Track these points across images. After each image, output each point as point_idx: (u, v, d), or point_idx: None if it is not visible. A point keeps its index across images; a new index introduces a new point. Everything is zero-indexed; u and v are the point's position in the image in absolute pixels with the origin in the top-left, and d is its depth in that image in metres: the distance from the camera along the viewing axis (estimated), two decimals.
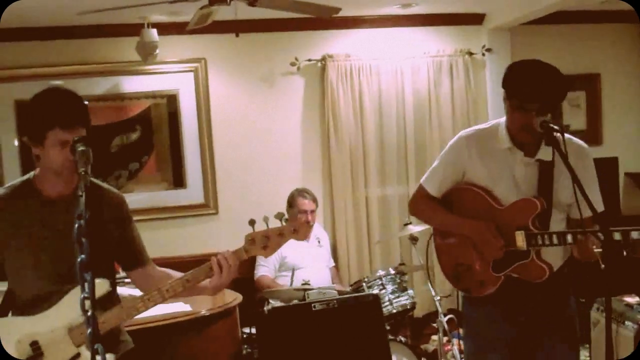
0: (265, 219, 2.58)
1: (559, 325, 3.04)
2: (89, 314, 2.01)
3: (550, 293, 3.01)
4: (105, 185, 2.79)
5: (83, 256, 2.03)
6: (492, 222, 2.93)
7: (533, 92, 2.78)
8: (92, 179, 2.61)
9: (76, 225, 2.05)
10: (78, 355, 2.52)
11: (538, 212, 2.87)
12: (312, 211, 5.46)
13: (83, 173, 2.24)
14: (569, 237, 2.77)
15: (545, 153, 2.91)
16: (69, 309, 2.52)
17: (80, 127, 2.51)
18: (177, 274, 2.69)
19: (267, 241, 2.57)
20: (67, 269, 2.52)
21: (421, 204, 3.22)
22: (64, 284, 2.53)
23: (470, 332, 3.23)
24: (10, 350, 2.52)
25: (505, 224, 2.91)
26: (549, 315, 3.03)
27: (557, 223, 2.95)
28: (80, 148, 2.37)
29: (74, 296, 2.50)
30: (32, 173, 2.70)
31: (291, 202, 5.45)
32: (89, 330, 1.99)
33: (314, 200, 5.51)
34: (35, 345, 2.54)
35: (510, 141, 2.94)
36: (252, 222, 2.55)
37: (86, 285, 2.01)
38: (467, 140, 3.06)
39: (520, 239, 2.88)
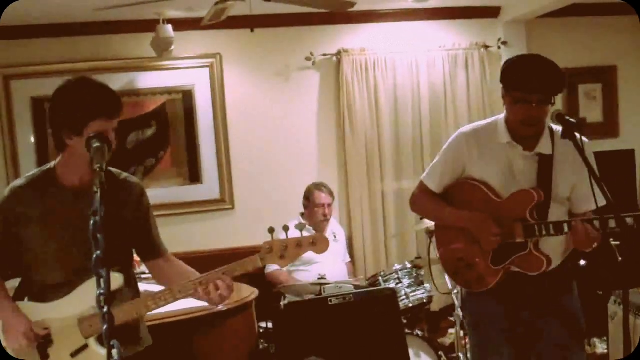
0: (285, 229, 2.56)
1: (562, 320, 3.04)
2: (105, 310, 2.02)
3: (552, 288, 3.02)
4: (124, 174, 2.79)
5: (99, 252, 2.05)
6: (488, 213, 2.96)
7: (534, 83, 2.82)
8: (111, 168, 2.65)
9: (91, 222, 2.07)
10: (86, 346, 2.55)
11: (535, 203, 2.89)
12: (329, 205, 5.46)
13: (98, 169, 2.25)
14: (565, 227, 2.80)
15: (544, 146, 2.96)
16: (80, 299, 2.55)
17: (118, 117, 2.56)
18: (193, 271, 2.71)
19: (285, 251, 2.53)
20: (83, 260, 2.53)
21: (421, 199, 3.26)
22: (79, 274, 2.55)
23: (474, 328, 3.25)
24: None
25: (504, 216, 2.94)
26: (551, 311, 3.03)
27: (558, 217, 2.96)
28: (96, 144, 2.39)
29: (87, 287, 2.53)
30: (52, 163, 2.70)
31: (308, 196, 5.46)
32: (104, 326, 2.00)
33: (331, 194, 5.51)
34: (46, 331, 2.57)
35: (509, 136, 2.98)
36: (271, 230, 2.52)
37: (101, 281, 2.03)
38: (466, 137, 3.10)
39: (518, 230, 2.90)
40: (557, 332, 3.02)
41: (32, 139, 5.64)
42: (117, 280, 2.52)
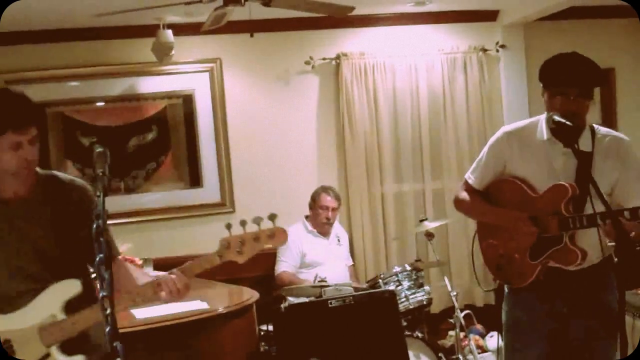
0: (243, 223, 2.45)
1: (599, 317, 3.07)
2: (108, 312, 2.05)
3: (591, 285, 3.07)
4: (68, 176, 2.73)
5: (101, 255, 2.07)
6: (526, 210, 3.04)
7: (570, 76, 2.93)
8: (57, 173, 2.61)
9: (94, 225, 2.09)
10: (47, 355, 2.53)
11: (570, 196, 2.95)
12: (334, 209, 5.50)
13: (101, 174, 2.27)
14: (599, 218, 2.83)
15: (584, 144, 3.02)
16: (40, 309, 2.53)
17: (32, 126, 2.48)
18: (143, 274, 2.71)
19: (242, 246, 2.48)
20: (33, 269, 2.54)
21: (465, 198, 3.33)
22: (32, 282, 2.54)
23: (511, 324, 3.29)
24: None
25: (541, 211, 3.01)
26: (589, 307, 3.07)
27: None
28: (98, 149, 2.40)
29: (45, 297, 2.52)
30: None
31: (315, 197, 5.48)
32: (107, 329, 2.02)
33: (337, 198, 5.55)
34: (7, 343, 2.55)
35: (549, 133, 3.05)
36: (228, 226, 2.45)
37: (104, 283, 2.06)
38: (507, 135, 3.20)
39: (553, 224, 2.97)
40: (592, 330, 3.07)
41: None
42: (74, 286, 2.52)
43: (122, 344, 2.39)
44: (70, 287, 2.51)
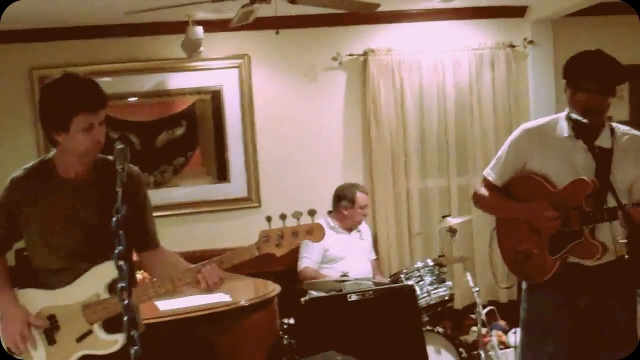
0: (283, 217, 2.56)
1: (618, 313, 3.11)
2: (125, 302, 2.13)
3: (612, 281, 3.09)
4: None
5: (120, 247, 2.16)
6: (545, 201, 3.07)
7: (594, 72, 2.98)
8: (110, 157, 2.68)
9: (114, 219, 2.18)
10: (90, 332, 2.64)
11: (591, 191, 2.97)
12: (366, 205, 5.58)
13: (120, 170, 2.36)
14: (620, 213, 2.86)
15: (604, 141, 3.07)
16: (84, 287, 2.64)
17: (103, 109, 2.62)
18: (186, 263, 2.77)
19: (281, 240, 2.57)
20: (82, 249, 2.64)
21: (485, 195, 3.38)
22: (78, 261, 2.65)
23: (530, 320, 3.32)
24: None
25: (561, 205, 3.04)
26: (608, 302, 3.10)
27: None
28: (119, 146, 2.49)
29: (90, 275, 2.63)
30: (50, 154, 2.77)
31: (351, 198, 5.49)
32: (125, 317, 2.11)
33: (367, 194, 5.64)
34: (52, 318, 2.67)
35: (570, 130, 3.07)
36: (268, 219, 2.55)
37: (122, 274, 2.14)
38: (528, 132, 3.25)
39: (574, 217, 3.00)
40: (611, 326, 3.10)
41: None
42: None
43: (145, 333, 2.53)
44: (115, 269, 2.59)
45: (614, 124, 3.16)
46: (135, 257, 2.97)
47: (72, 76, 2.68)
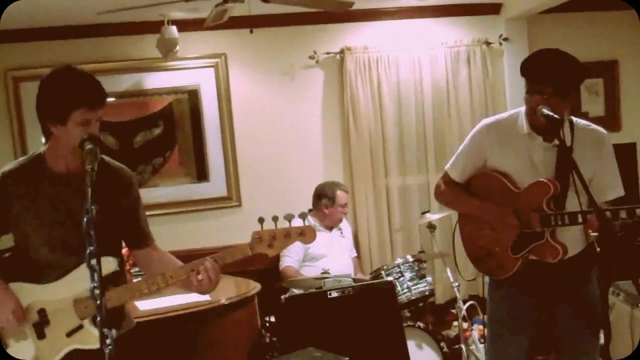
0: (275, 219, 2.57)
1: (579, 308, 3.11)
2: (98, 302, 2.12)
3: (571, 275, 3.10)
4: (115, 163, 2.84)
5: (92, 248, 2.14)
6: (508, 206, 3.05)
7: (545, 75, 2.91)
8: (103, 156, 2.68)
9: (85, 219, 2.16)
10: (80, 327, 2.63)
11: (552, 193, 2.97)
12: (346, 204, 5.60)
13: (90, 170, 2.34)
14: (580, 217, 2.87)
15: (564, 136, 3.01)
16: (76, 282, 2.63)
17: (102, 107, 2.60)
18: (179, 262, 2.77)
19: (273, 241, 2.59)
20: (74, 242, 2.62)
21: (444, 189, 3.36)
22: (70, 255, 2.64)
23: (494, 315, 3.33)
24: None
25: (522, 207, 3.04)
26: (569, 298, 3.11)
27: (575, 206, 3.01)
28: (89, 146, 2.47)
29: (82, 270, 2.59)
30: (42, 149, 2.76)
31: (331, 197, 5.51)
32: (98, 318, 2.10)
33: (347, 192, 5.66)
34: (42, 312, 2.66)
35: (529, 127, 3.06)
36: (261, 220, 2.56)
37: (95, 275, 2.13)
38: (487, 128, 3.21)
39: (534, 220, 2.99)
40: (573, 320, 3.11)
41: (43, 140, 5.72)
42: (111, 264, 2.61)
43: (126, 334, 2.52)
44: (107, 265, 2.56)
45: (574, 119, 3.13)
46: (125, 252, 2.98)
47: (74, 70, 2.66)
